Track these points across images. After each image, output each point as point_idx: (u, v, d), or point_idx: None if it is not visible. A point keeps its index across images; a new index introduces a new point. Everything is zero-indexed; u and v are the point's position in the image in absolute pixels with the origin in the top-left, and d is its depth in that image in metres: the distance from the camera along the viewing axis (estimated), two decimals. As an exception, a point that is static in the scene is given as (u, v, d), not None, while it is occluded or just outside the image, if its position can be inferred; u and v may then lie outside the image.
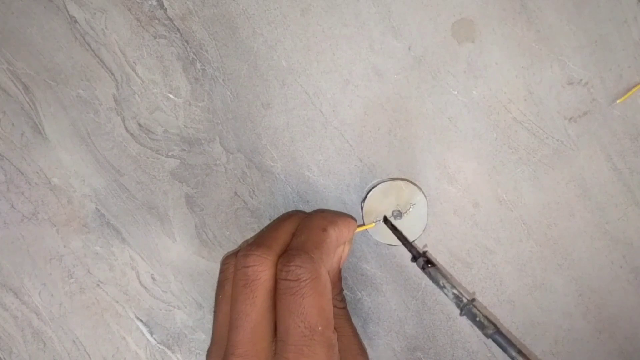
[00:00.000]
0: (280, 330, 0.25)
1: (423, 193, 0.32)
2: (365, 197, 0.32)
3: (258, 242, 0.27)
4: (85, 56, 0.31)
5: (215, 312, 0.28)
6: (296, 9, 0.31)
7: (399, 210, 0.32)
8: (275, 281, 0.26)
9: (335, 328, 0.27)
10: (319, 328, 0.25)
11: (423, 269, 0.30)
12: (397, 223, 0.32)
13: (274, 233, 0.28)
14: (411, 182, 0.32)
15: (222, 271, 0.29)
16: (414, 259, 0.30)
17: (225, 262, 0.29)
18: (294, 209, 0.33)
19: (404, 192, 0.32)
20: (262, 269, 0.26)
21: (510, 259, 0.34)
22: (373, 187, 0.32)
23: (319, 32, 0.31)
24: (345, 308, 0.32)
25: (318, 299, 0.25)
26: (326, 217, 0.29)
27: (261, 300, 0.26)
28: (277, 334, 0.25)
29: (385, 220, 0.32)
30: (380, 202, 0.32)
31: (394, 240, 0.32)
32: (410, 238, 0.33)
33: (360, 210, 0.33)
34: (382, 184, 0.32)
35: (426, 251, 0.31)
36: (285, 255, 0.26)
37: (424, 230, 0.33)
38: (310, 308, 0.25)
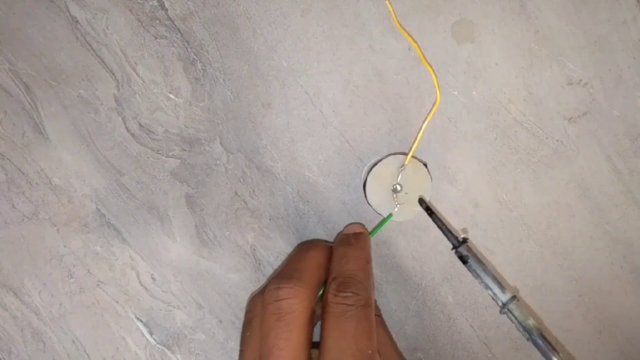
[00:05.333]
0: (330, 354, 0.25)
1: (417, 159, 0.32)
2: (365, 181, 0.32)
3: (286, 275, 0.27)
4: (87, 56, 0.31)
5: (241, 350, 0.28)
6: (296, 10, 0.31)
7: (399, 184, 0.32)
8: (311, 313, 0.26)
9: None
10: (369, 352, 0.25)
11: (462, 260, 0.29)
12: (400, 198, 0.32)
13: (300, 265, 0.28)
14: (399, 154, 0.32)
15: (249, 310, 0.29)
16: (454, 247, 0.30)
17: (253, 300, 0.29)
18: (294, 209, 0.33)
19: (396, 166, 0.32)
20: (296, 302, 0.26)
21: (510, 259, 0.34)
22: (368, 172, 0.32)
23: (319, 32, 0.31)
24: (380, 315, 0.33)
25: (370, 324, 0.26)
26: (364, 249, 0.30)
27: (297, 334, 0.25)
28: (325, 357, 0.25)
29: (421, 202, 0.31)
30: (379, 184, 0.32)
31: (402, 216, 0.32)
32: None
33: (365, 203, 0.33)
34: (375, 167, 0.32)
35: (466, 238, 0.30)
36: (341, 282, 0.27)
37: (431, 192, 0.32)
38: (362, 332, 0.25)
